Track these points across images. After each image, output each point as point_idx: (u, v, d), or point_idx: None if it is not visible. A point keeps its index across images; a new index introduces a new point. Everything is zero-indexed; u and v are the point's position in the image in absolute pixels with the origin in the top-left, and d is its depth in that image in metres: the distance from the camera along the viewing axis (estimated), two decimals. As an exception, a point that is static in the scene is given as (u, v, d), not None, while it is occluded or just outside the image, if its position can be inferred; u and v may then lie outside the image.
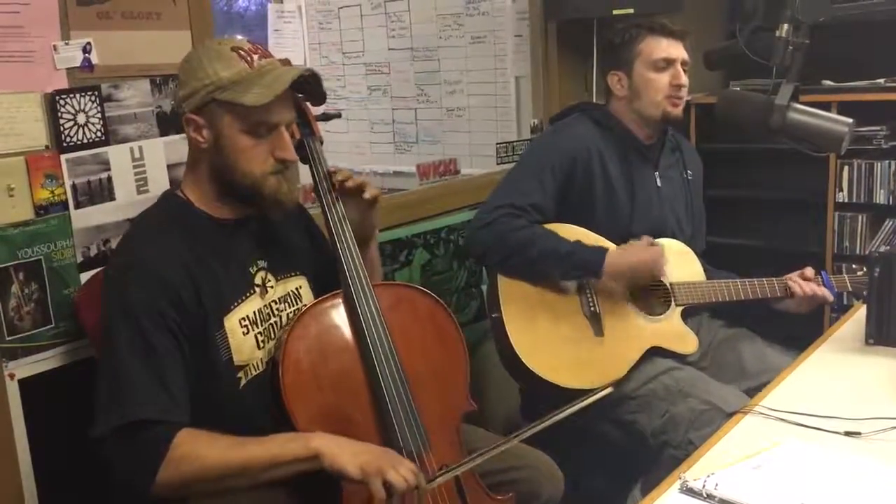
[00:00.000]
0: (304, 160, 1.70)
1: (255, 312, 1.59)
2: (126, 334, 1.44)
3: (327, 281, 1.68)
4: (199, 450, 1.40)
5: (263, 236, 1.65)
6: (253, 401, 1.56)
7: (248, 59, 1.52)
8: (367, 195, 1.70)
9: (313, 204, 1.81)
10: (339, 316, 1.60)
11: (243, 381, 1.56)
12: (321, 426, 1.50)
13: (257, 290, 1.60)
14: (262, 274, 1.62)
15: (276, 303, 1.64)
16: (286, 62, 1.58)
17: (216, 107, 1.51)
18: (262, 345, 1.59)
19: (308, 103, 1.72)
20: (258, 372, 1.58)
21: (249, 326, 1.57)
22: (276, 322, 1.62)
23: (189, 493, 1.41)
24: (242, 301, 1.57)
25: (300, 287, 1.70)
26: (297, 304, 1.67)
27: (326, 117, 1.83)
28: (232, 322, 1.54)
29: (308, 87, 1.61)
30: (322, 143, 1.75)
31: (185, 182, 1.62)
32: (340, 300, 1.61)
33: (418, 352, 1.63)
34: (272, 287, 1.64)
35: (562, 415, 1.48)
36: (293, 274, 1.70)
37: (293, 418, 1.49)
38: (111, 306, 1.49)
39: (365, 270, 1.64)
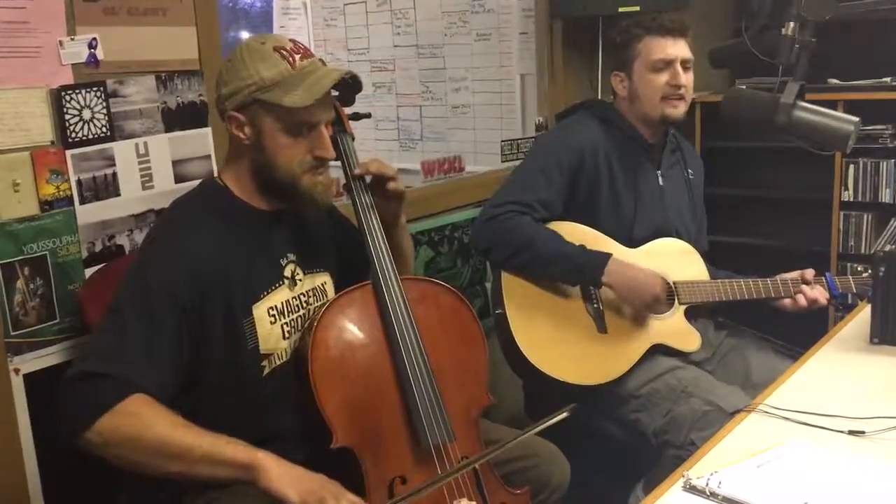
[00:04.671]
0: (336, 157, 1.72)
1: (283, 303, 1.61)
2: (132, 298, 1.46)
3: (351, 280, 1.69)
4: (150, 415, 1.38)
5: (296, 230, 1.68)
6: (275, 390, 1.58)
7: (290, 59, 1.54)
8: (389, 186, 1.73)
9: (343, 199, 1.83)
10: (367, 306, 1.62)
11: (266, 370, 1.58)
12: (348, 414, 1.52)
13: (286, 281, 1.63)
14: (291, 266, 1.65)
15: (304, 295, 1.66)
16: (322, 62, 1.61)
17: (258, 106, 1.53)
18: (287, 335, 1.61)
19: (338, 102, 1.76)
20: (282, 362, 1.60)
21: (277, 316, 1.59)
22: (304, 314, 1.65)
23: (115, 456, 1.38)
24: (272, 291, 1.59)
25: (325, 283, 1.73)
26: (323, 298, 1.70)
27: (357, 116, 1.86)
28: (260, 311, 1.56)
29: (342, 85, 1.64)
30: (353, 139, 1.78)
31: (225, 172, 1.64)
32: (369, 291, 1.63)
33: (443, 345, 1.65)
34: (301, 280, 1.66)
35: (524, 435, 1.47)
36: (319, 270, 1.72)
37: (321, 405, 1.50)
38: (129, 273, 1.52)
39: (393, 263, 1.66)
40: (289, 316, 1.62)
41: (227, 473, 1.39)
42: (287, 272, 1.64)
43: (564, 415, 1.46)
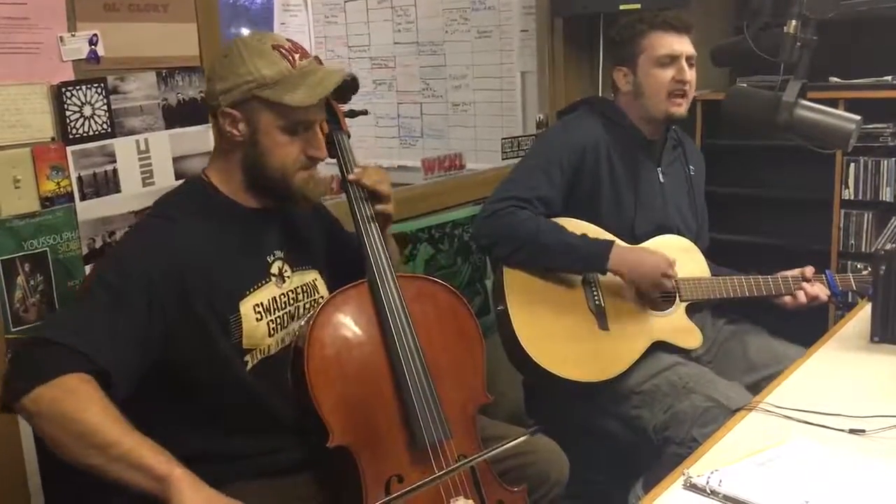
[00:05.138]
0: (332, 154, 1.73)
1: (269, 300, 1.60)
2: (106, 281, 1.45)
3: (342, 278, 1.69)
4: (87, 397, 1.33)
5: (284, 228, 1.68)
6: (262, 385, 1.57)
7: (290, 58, 1.54)
8: (378, 207, 1.72)
9: (338, 197, 1.83)
10: (363, 305, 1.62)
11: (250, 365, 1.57)
12: (344, 413, 1.51)
13: (273, 278, 1.62)
14: (278, 264, 1.64)
15: (292, 292, 1.66)
16: (318, 60, 1.61)
17: (257, 104, 1.53)
18: (272, 332, 1.60)
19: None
20: (264, 356, 1.59)
21: (263, 313, 1.58)
22: (292, 311, 1.64)
23: (42, 429, 1.34)
24: (257, 288, 1.59)
25: (315, 280, 1.72)
26: (313, 295, 1.70)
27: (353, 114, 1.86)
28: (246, 307, 1.56)
29: (340, 85, 1.64)
30: (349, 136, 1.79)
31: (211, 169, 1.63)
32: (365, 289, 1.63)
33: (439, 343, 1.65)
34: (289, 277, 1.65)
35: (484, 455, 1.49)
36: (308, 267, 1.71)
37: (317, 404, 1.49)
38: (106, 258, 1.53)
39: (390, 261, 1.66)
40: (275, 313, 1.61)
41: (139, 480, 1.31)
42: (274, 269, 1.63)
43: (523, 438, 1.47)
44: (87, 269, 1.78)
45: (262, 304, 1.59)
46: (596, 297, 2.16)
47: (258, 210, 1.63)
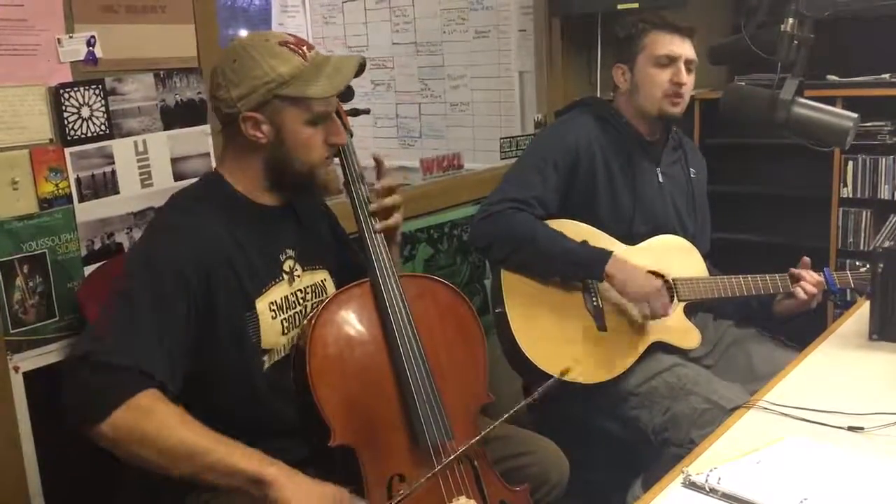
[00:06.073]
0: (335, 153, 1.72)
1: (282, 299, 1.60)
2: (142, 282, 1.45)
3: (347, 278, 1.70)
4: (164, 413, 1.37)
5: (295, 226, 1.69)
6: (276, 385, 1.57)
7: (300, 51, 1.54)
8: (391, 221, 1.74)
9: (338, 196, 1.84)
10: (365, 304, 1.62)
11: (267, 364, 1.58)
12: (346, 413, 1.51)
13: (285, 277, 1.62)
14: (290, 262, 1.64)
15: (301, 292, 1.66)
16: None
17: (279, 102, 1.53)
18: (286, 331, 1.60)
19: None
20: (280, 357, 1.60)
21: (277, 311, 1.59)
22: (301, 310, 1.64)
23: (124, 451, 1.37)
24: (271, 286, 1.59)
25: (325, 280, 1.72)
26: (322, 295, 1.70)
27: (356, 112, 1.86)
28: (262, 305, 1.56)
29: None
30: (352, 135, 1.79)
31: (224, 168, 1.63)
32: (367, 289, 1.63)
33: (441, 343, 1.65)
34: (299, 276, 1.66)
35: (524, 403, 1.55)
36: (318, 266, 1.72)
37: (319, 403, 1.49)
38: (135, 257, 1.53)
39: (392, 261, 1.67)
40: (287, 311, 1.61)
41: (235, 483, 1.37)
42: (286, 267, 1.63)
43: (537, 394, 1.53)
44: (87, 270, 1.78)
45: (275, 302, 1.59)
46: (594, 299, 2.16)
47: (272, 208, 1.64)
